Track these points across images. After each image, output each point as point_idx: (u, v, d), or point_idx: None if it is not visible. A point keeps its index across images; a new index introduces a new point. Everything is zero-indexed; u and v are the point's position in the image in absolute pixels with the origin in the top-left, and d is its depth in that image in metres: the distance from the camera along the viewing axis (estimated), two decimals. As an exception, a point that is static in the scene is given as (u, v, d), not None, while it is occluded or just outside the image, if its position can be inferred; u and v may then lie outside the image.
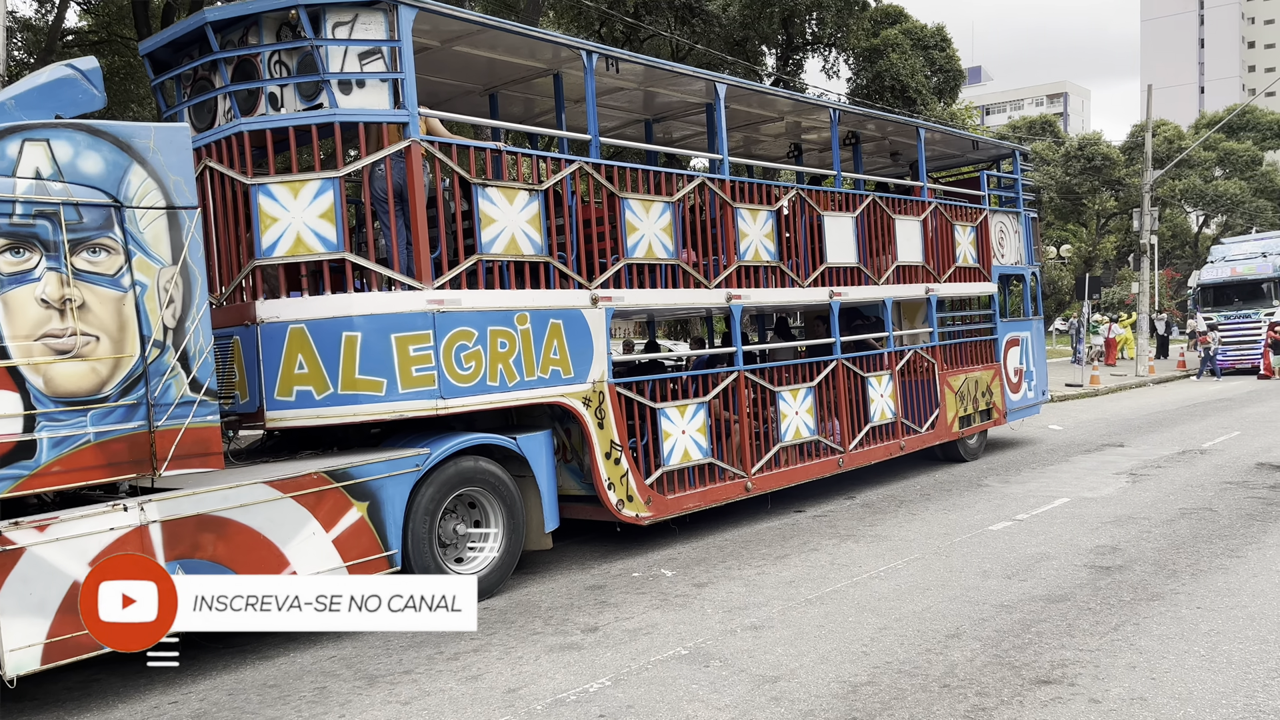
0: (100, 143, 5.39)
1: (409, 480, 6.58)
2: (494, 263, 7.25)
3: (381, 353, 6.56)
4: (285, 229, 6.53)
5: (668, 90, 9.97)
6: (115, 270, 5.35)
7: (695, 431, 8.62)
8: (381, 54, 6.69)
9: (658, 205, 8.44)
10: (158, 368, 5.46)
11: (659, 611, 6.47)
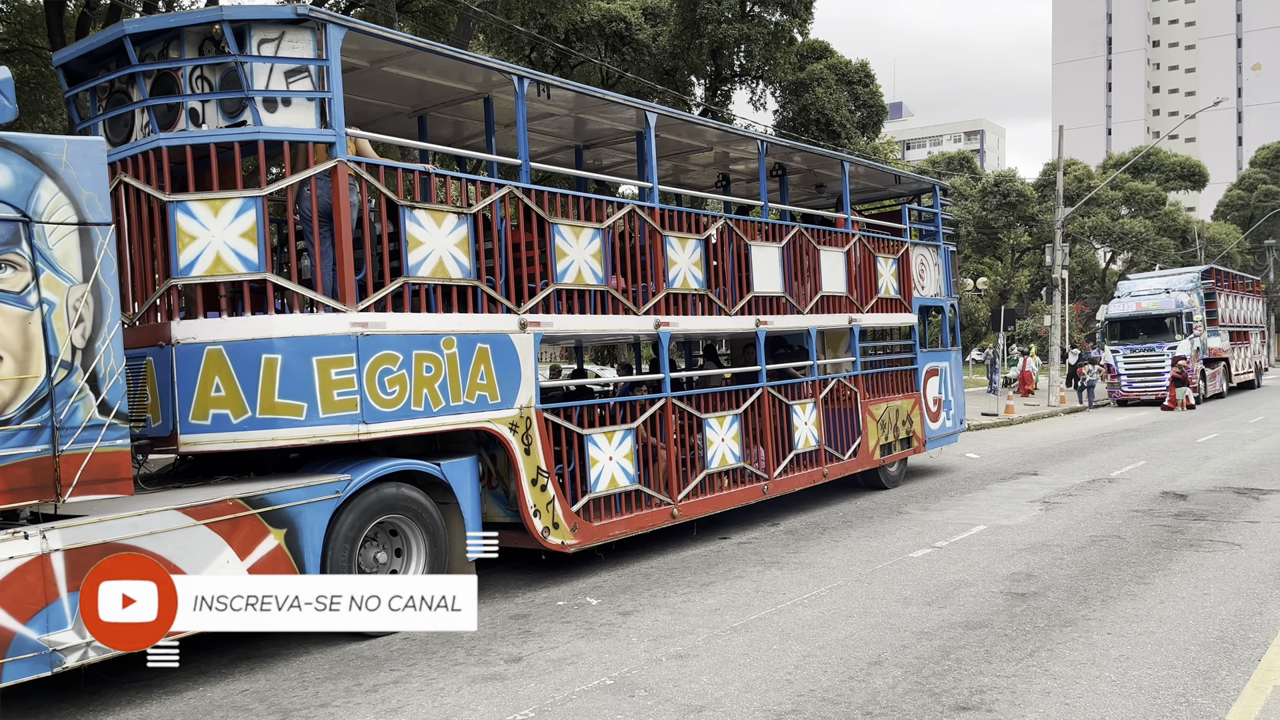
0: (9, 155, 5.18)
1: (329, 507, 6.42)
2: (420, 286, 7.16)
3: (302, 376, 6.41)
4: (204, 248, 6.36)
5: (599, 117, 10.03)
6: (21, 287, 5.14)
7: (623, 458, 8.60)
8: (309, 72, 6.58)
9: (587, 231, 8.45)
10: (64, 389, 5.25)
11: (584, 640, 6.41)
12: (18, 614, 4.91)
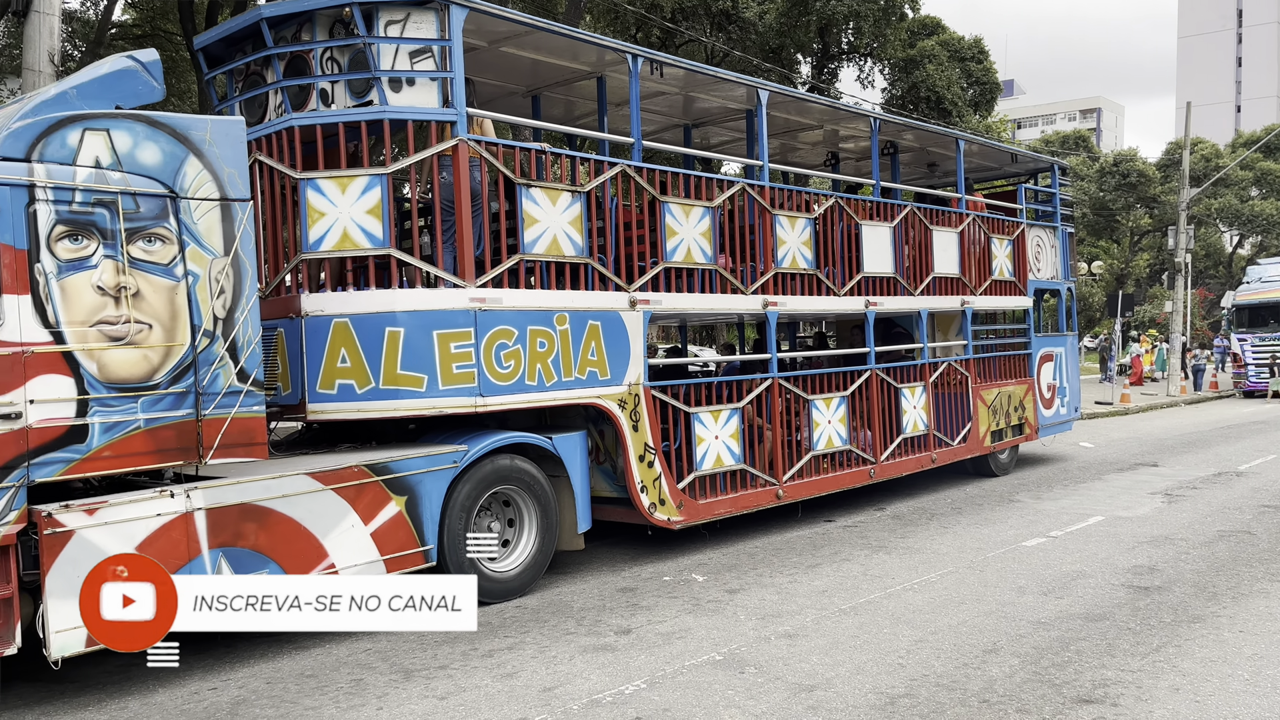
0: (158, 134, 5.46)
1: (447, 476, 6.61)
2: (535, 263, 7.28)
3: (423, 349, 6.60)
4: (332, 224, 6.59)
5: (708, 95, 9.99)
6: (169, 260, 5.42)
7: (728, 437, 8.61)
8: (432, 53, 6.74)
9: (698, 210, 8.45)
10: (207, 357, 5.53)
11: (691, 616, 6.47)
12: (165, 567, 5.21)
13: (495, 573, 6.94)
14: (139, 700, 5.13)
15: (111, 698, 5.18)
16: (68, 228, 5.07)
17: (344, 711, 4.90)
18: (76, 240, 5.10)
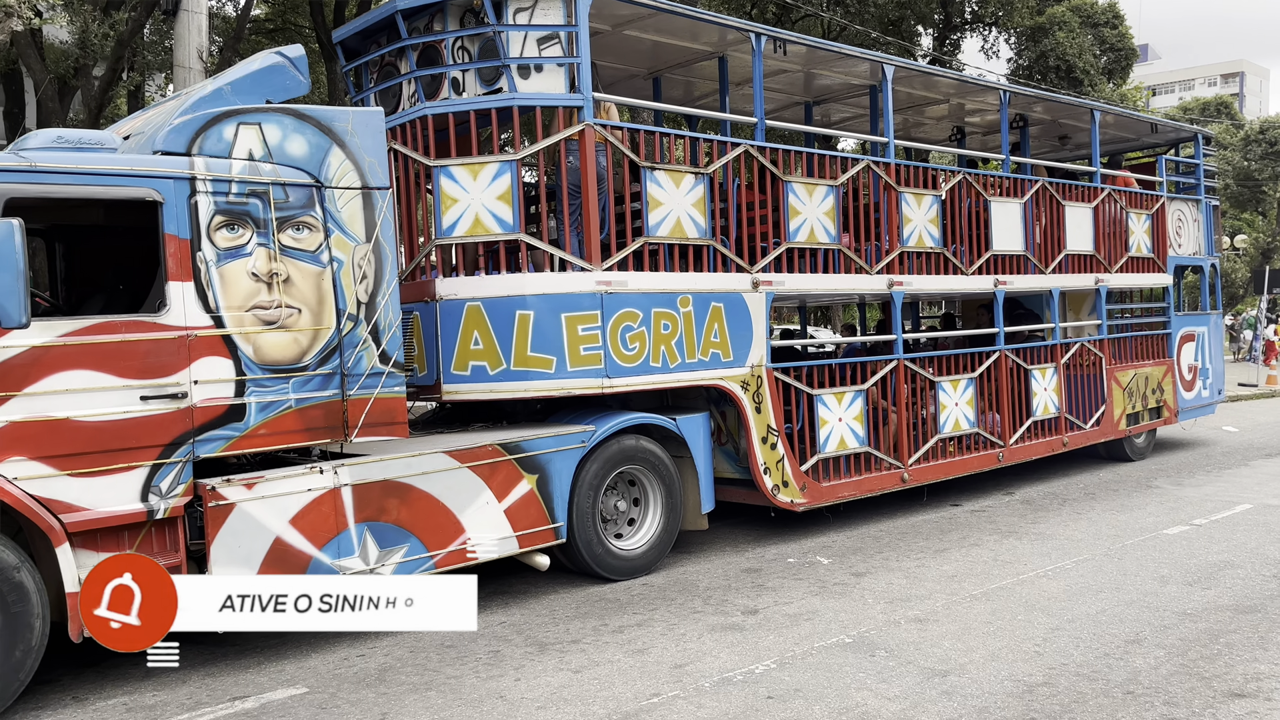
0: (305, 126, 5.72)
1: (575, 455, 6.75)
2: (659, 245, 7.33)
3: (552, 331, 6.74)
4: (465, 210, 6.77)
5: (830, 72, 9.84)
6: (316, 247, 5.68)
7: (852, 419, 8.52)
8: (559, 39, 6.84)
9: (821, 188, 8.35)
10: (351, 340, 5.78)
11: (818, 598, 6.45)
12: (315, 540, 5.51)
13: (621, 550, 7.06)
14: (294, 664, 5.44)
15: (269, 661, 5.50)
16: (225, 217, 5.37)
17: (484, 681, 5.09)
18: (233, 229, 5.39)
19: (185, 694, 5.02)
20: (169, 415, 5.12)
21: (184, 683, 5.19)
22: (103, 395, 4.93)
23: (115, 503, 4.94)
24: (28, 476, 4.71)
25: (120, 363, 4.99)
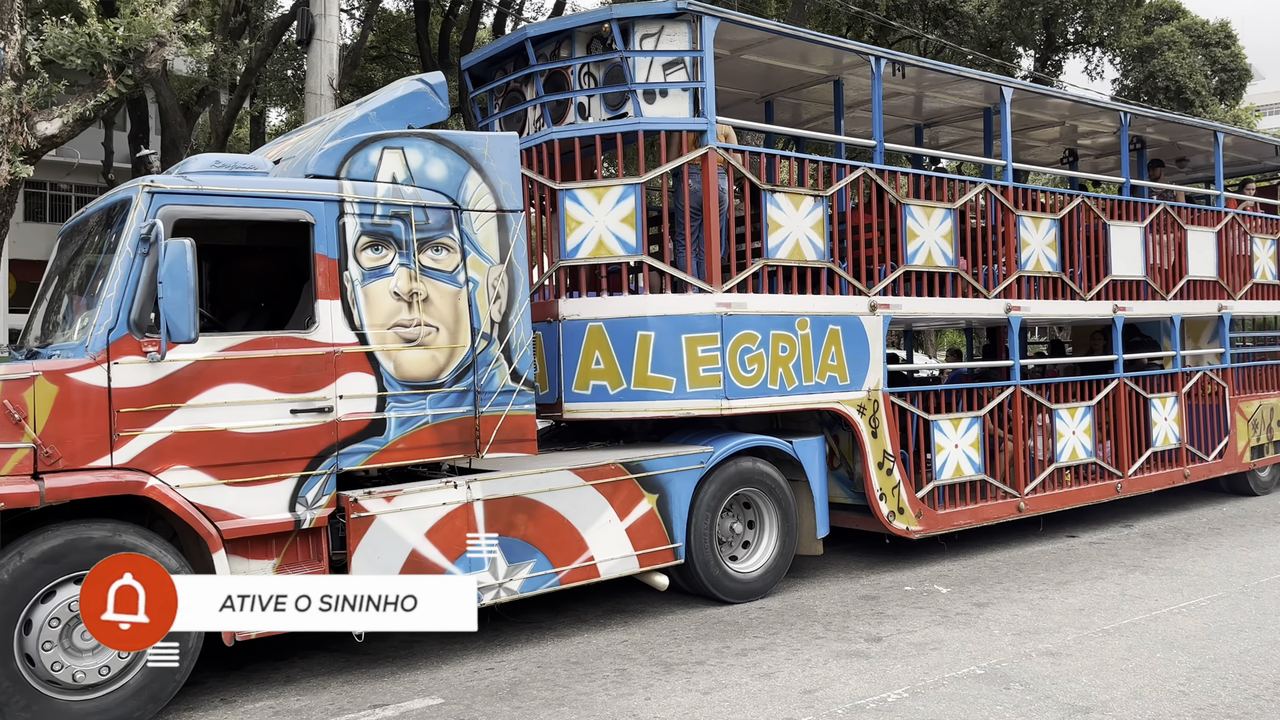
0: (444, 150, 5.89)
1: (694, 476, 6.77)
2: (777, 267, 7.34)
3: (672, 352, 6.79)
4: (589, 232, 6.89)
5: (944, 94, 9.74)
6: (453, 267, 5.84)
7: (968, 446, 8.36)
8: (684, 64, 6.93)
9: (939, 211, 8.26)
10: (485, 358, 5.91)
11: (942, 628, 6.34)
12: (448, 553, 5.63)
13: (738, 573, 7.04)
14: (427, 675, 5.55)
15: (403, 670, 5.63)
16: (370, 239, 5.56)
17: (614, 699, 5.12)
18: (377, 250, 5.58)
19: (328, 699, 5.17)
20: (316, 428, 5.30)
21: (325, 689, 5.35)
22: (257, 408, 5.14)
23: (266, 512, 5.14)
24: (189, 484, 4.92)
25: (273, 377, 5.19)
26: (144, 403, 4.84)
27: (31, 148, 7.08)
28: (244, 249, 6.50)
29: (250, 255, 6.53)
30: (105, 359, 4.77)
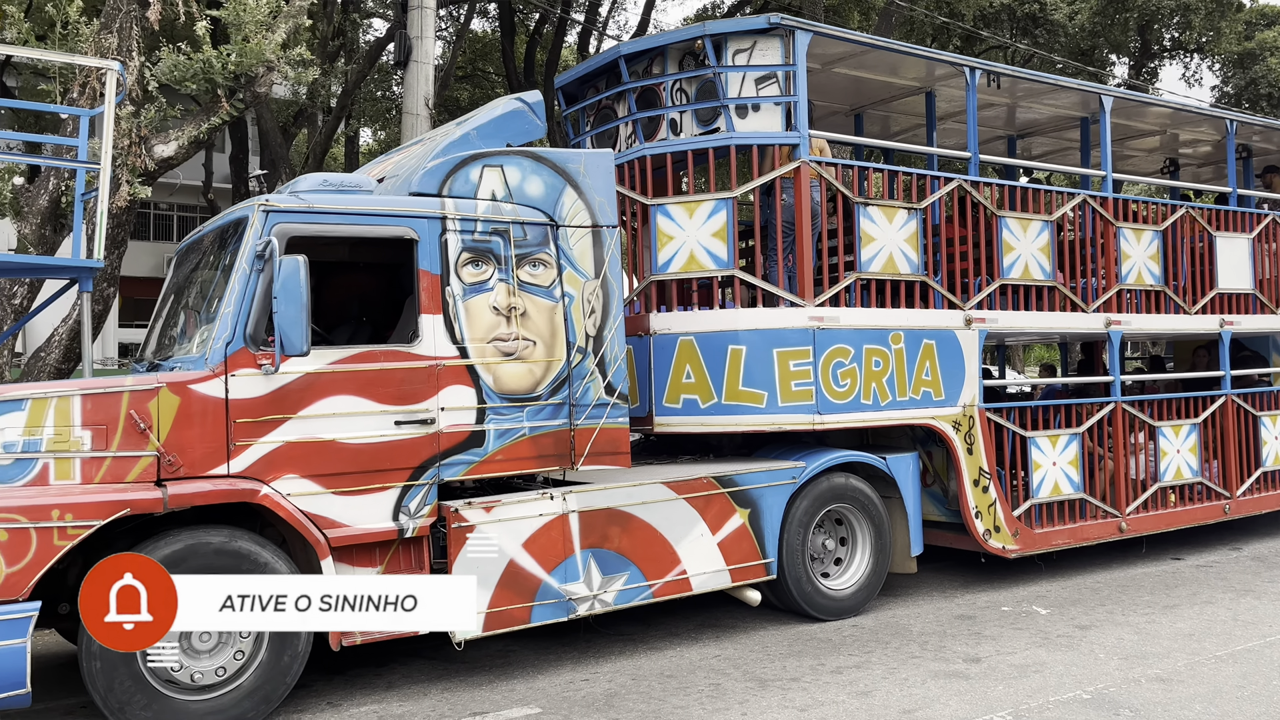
0: (541, 168, 6.00)
1: (786, 492, 6.73)
2: (870, 281, 7.28)
3: (764, 366, 6.78)
4: (680, 246, 6.92)
5: (1039, 104, 9.54)
6: (549, 282, 5.93)
7: (1066, 464, 8.15)
8: (776, 78, 6.94)
9: (1036, 224, 8.09)
10: (580, 371, 5.98)
11: (1043, 650, 6.18)
12: (544, 564, 5.70)
13: (830, 590, 6.97)
14: (524, 684, 5.62)
15: (500, 679, 5.71)
16: (471, 255, 5.68)
17: (710, 714, 5.11)
18: (477, 266, 5.70)
19: (429, 706, 5.27)
20: (419, 440, 5.43)
21: (425, 695, 5.45)
22: (363, 420, 5.29)
23: (371, 520, 5.28)
24: (299, 493, 5.09)
25: (379, 389, 5.34)
26: (258, 413, 5.03)
27: (149, 169, 7.43)
28: (346, 265, 6.70)
29: (352, 271, 6.73)
30: (223, 371, 4.97)
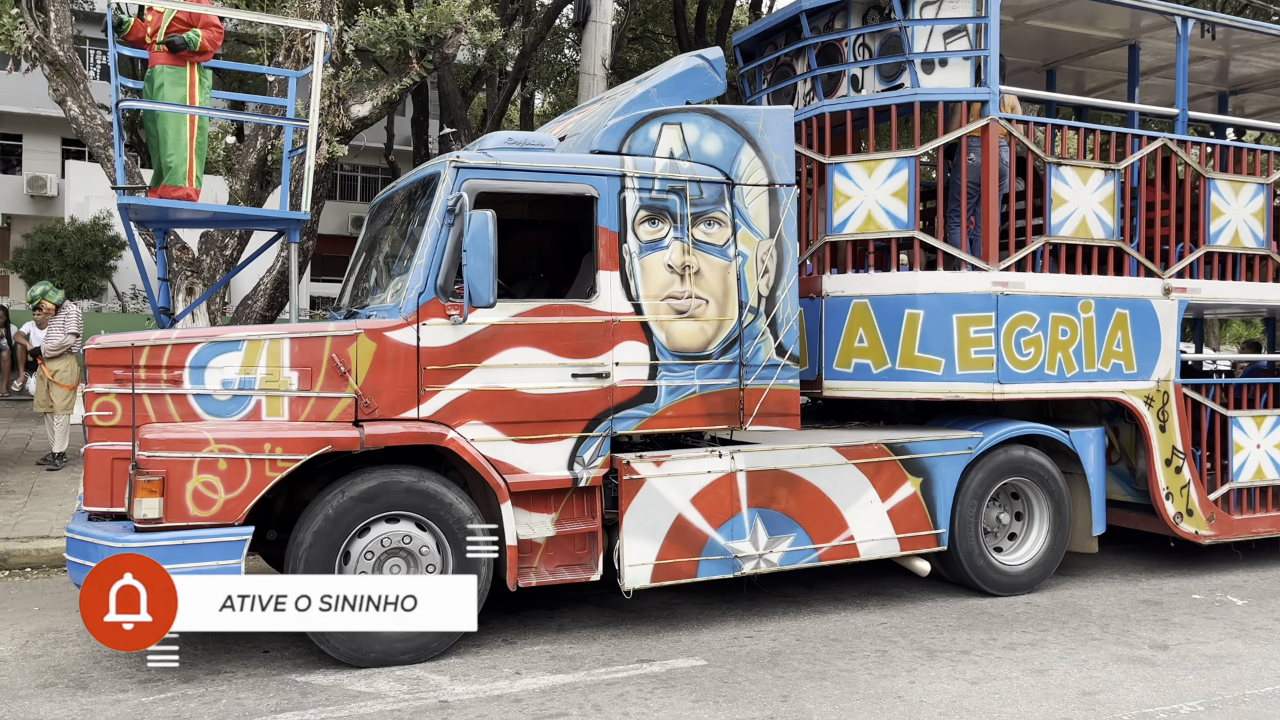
0: (720, 125, 5.97)
1: (961, 462, 6.53)
2: (1059, 245, 6.91)
3: (942, 332, 6.57)
4: (857, 206, 6.77)
5: (1257, 57, 8.74)
6: (724, 241, 5.92)
7: (1273, 447, 7.55)
8: (966, 31, 6.64)
9: (1250, 187, 7.47)
10: (751, 331, 5.96)
11: (1239, 641, 5.79)
12: (711, 520, 5.76)
13: (1003, 565, 6.74)
14: (689, 636, 5.73)
15: (666, 630, 5.84)
16: (648, 212, 5.74)
17: (876, 679, 5.07)
18: (654, 224, 5.75)
19: (598, 650, 5.45)
20: (594, 393, 5.57)
21: (594, 640, 5.64)
22: (542, 371, 5.46)
23: (548, 468, 5.47)
24: (482, 439, 5.32)
25: (558, 342, 5.50)
26: (446, 361, 5.27)
27: (345, 129, 7.86)
28: (526, 222, 6.89)
29: (532, 227, 6.92)
30: (415, 320, 5.23)
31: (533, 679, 5.00)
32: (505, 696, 4.76)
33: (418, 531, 5.21)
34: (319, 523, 4.99)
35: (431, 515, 5.19)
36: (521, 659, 5.30)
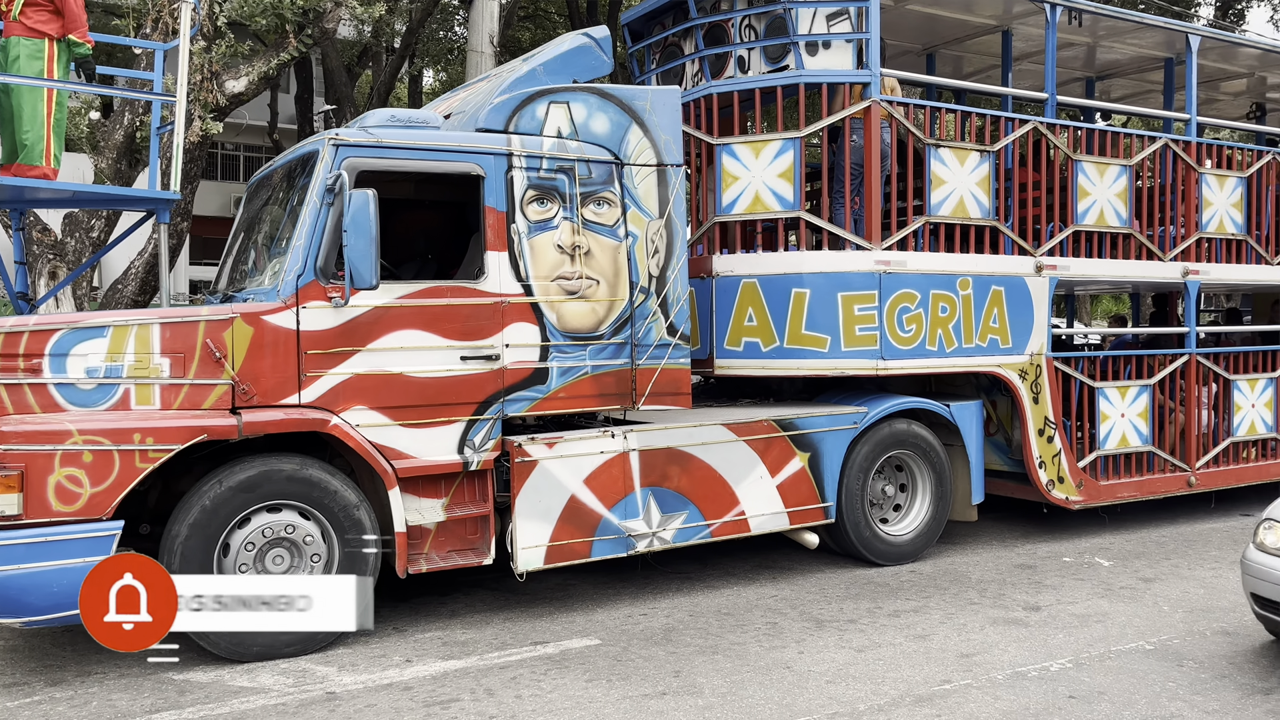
0: (608, 104, 5.94)
1: (846, 437, 6.70)
2: (939, 225, 7.13)
3: (828, 310, 6.71)
4: (745, 187, 6.85)
5: (1121, 44, 9.17)
6: (613, 221, 5.91)
7: (1135, 416, 7.98)
8: (848, 15, 6.76)
9: (1114, 169, 7.84)
10: (642, 311, 5.98)
11: (1105, 600, 6.11)
12: (605, 500, 5.77)
13: (889, 535, 6.96)
14: (584, 617, 5.73)
15: (560, 611, 5.83)
16: (536, 192, 5.68)
17: (767, 650, 5.17)
18: (542, 203, 5.70)
19: (492, 634, 5.41)
20: (484, 375, 5.50)
21: (487, 624, 5.59)
22: (430, 354, 5.36)
23: (437, 453, 5.38)
24: (368, 424, 5.20)
25: (445, 325, 5.40)
26: (328, 345, 5.12)
27: (220, 105, 7.54)
28: (412, 202, 6.74)
29: (417, 207, 6.77)
30: (295, 303, 5.06)
31: (424, 666, 4.93)
32: (395, 685, 4.68)
33: (301, 520, 5.06)
34: (195, 514, 4.80)
35: (315, 504, 5.06)
36: (413, 646, 5.22)
